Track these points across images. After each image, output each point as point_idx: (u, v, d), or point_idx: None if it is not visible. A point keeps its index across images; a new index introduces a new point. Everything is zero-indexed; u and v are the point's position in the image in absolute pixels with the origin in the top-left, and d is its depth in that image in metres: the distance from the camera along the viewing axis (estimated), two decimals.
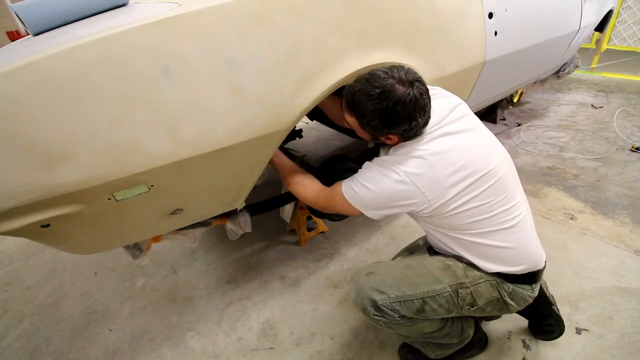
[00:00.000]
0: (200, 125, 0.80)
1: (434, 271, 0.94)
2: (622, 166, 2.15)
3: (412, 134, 0.88)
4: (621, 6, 3.66)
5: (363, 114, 0.85)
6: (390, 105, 0.81)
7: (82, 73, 0.68)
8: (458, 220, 0.89)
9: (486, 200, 0.87)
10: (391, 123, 0.84)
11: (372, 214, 0.94)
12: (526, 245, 0.92)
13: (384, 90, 0.82)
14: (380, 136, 0.90)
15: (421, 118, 0.85)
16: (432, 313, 0.92)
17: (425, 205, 0.87)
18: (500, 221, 0.89)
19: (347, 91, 0.88)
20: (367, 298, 0.92)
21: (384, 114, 0.83)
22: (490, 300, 0.94)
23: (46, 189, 0.71)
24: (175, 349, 1.27)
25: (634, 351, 1.12)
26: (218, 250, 1.73)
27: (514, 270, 0.91)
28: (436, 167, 0.85)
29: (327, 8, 0.95)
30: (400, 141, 0.91)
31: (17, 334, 1.40)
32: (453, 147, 0.87)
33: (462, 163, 0.85)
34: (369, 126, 0.87)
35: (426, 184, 0.85)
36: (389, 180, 0.87)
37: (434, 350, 1.07)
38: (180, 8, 0.78)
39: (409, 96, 0.81)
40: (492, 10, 1.46)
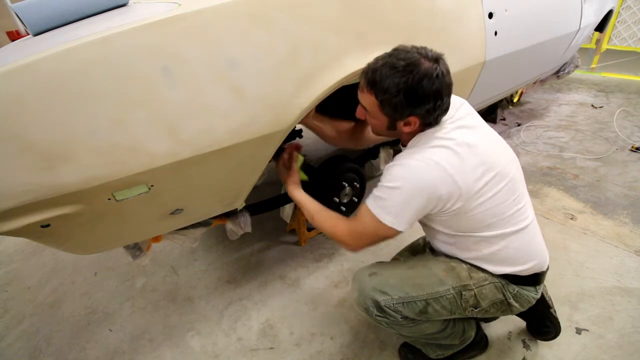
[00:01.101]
0: (200, 125, 0.80)
1: (437, 273, 0.92)
2: (622, 166, 2.15)
3: (433, 118, 0.82)
4: (621, 6, 3.66)
5: (385, 90, 0.78)
6: (417, 79, 0.76)
7: (82, 73, 0.68)
8: (478, 221, 0.85)
9: (502, 199, 0.84)
10: (416, 100, 0.77)
11: (403, 222, 0.84)
12: (534, 245, 0.92)
13: (410, 62, 0.76)
14: (399, 119, 0.83)
15: (446, 98, 0.80)
16: (434, 314, 0.91)
17: (456, 197, 0.80)
18: (514, 221, 0.87)
19: (367, 68, 0.82)
20: (370, 299, 0.91)
21: (410, 89, 0.76)
22: (494, 302, 0.93)
23: (46, 189, 0.71)
24: (175, 349, 1.27)
25: (634, 351, 1.12)
26: (218, 250, 1.73)
27: (521, 270, 0.90)
28: (464, 156, 0.80)
29: (327, 8, 0.95)
30: (418, 129, 0.86)
31: (17, 334, 1.40)
32: (474, 139, 0.83)
33: (483, 157, 0.82)
34: (390, 105, 0.80)
35: (458, 173, 0.79)
36: (419, 172, 0.80)
37: (435, 350, 1.07)
38: (180, 8, 0.78)
39: (435, 71, 0.77)
40: (492, 10, 1.46)
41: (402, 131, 0.87)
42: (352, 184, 1.55)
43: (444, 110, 0.83)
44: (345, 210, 1.59)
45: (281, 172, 1.15)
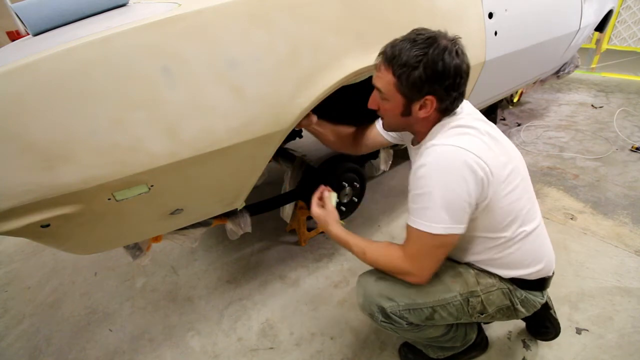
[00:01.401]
0: (200, 125, 0.80)
1: (445, 279, 0.90)
2: (622, 166, 2.15)
3: (450, 101, 0.79)
4: (621, 6, 3.66)
5: (404, 62, 0.75)
6: (437, 52, 0.73)
7: (82, 73, 0.68)
8: (500, 216, 0.82)
9: (520, 194, 0.82)
10: (436, 73, 0.74)
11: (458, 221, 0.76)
12: (544, 247, 0.91)
13: (431, 37, 0.75)
14: (416, 100, 0.79)
15: (465, 77, 0.77)
16: (440, 320, 0.90)
17: (487, 185, 0.76)
18: (528, 220, 0.86)
19: (384, 47, 0.80)
20: (376, 305, 0.89)
21: (430, 61, 0.73)
22: (501, 308, 0.91)
23: (46, 189, 0.71)
24: (175, 349, 1.27)
25: (634, 351, 1.12)
26: (218, 250, 1.73)
27: (530, 273, 0.89)
28: (489, 143, 0.78)
29: (327, 8, 0.95)
30: (434, 117, 0.82)
31: (17, 334, 1.40)
32: (492, 130, 0.81)
33: (503, 148, 0.81)
34: (408, 80, 0.76)
35: (487, 158, 0.75)
36: (450, 163, 0.75)
37: (436, 351, 1.07)
38: (180, 8, 0.78)
39: (455, 46, 0.75)
40: (492, 10, 1.46)
41: (417, 117, 0.82)
42: (352, 184, 1.55)
43: (461, 94, 0.80)
44: (345, 210, 1.59)
45: (317, 215, 0.99)
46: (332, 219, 0.97)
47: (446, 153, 0.76)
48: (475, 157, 0.74)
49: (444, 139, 0.78)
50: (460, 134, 0.78)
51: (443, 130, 0.81)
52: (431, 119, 0.84)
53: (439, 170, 0.75)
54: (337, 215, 0.98)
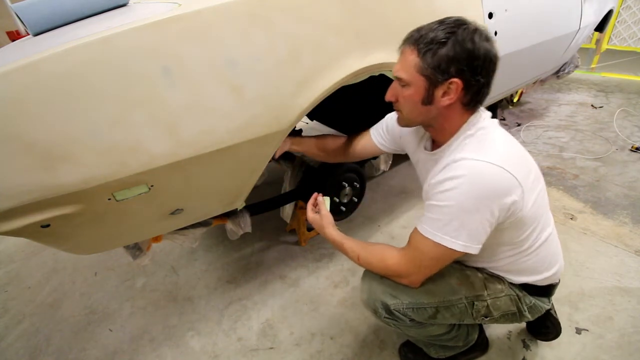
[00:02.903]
0: (200, 125, 0.80)
1: (450, 280, 0.88)
2: (622, 166, 2.15)
3: (477, 89, 0.74)
4: (621, 6, 3.66)
5: (431, 40, 0.70)
6: (467, 32, 0.69)
7: (82, 73, 0.68)
8: (523, 225, 0.79)
9: (541, 201, 0.80)
10: (465, 52, 0.69)
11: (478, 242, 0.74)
12: (558, 250, 0.92)
13: (459, 20, 0.72)
14: (440, 83, 0.72)
15: (494, 64, 0.73)
16: (443, 320, 0.89)
17: (519, 199, 0.72)
18: (545, 226, 0.85)
19: (410, 32, 0.76)
20: (380, 301, 0.88)
21: (460, 39, 0.69)
22: (506, 313, 0.91)
23: (46, 189, 0.71)
24: (175, 349, 1.27)
25: (634, 351, 1.12)
26: (218, 250, 1.73)
27: (541, 279, 0.88)
28: (515, 152, 0.76)
29: (327, 8, 0.95)
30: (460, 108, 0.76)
31: (17, 334, 1.40)
32: (510, 136, 0.78)
33: (525, 155, 0.79)
34: (434, 58, 0.70)
35: (517, 172, 0.71)
36: (482, 180, 0.70)
37: (438, 351, 1.07)
38: (180, 8, 0.78)
39: (484, 32, 0.71)
40: (492, 10, 1.46)
41: (439, 107, 0.76)
42: (352, 184, 1.55)
43: (488, 84, 0.75)
44: (345, 210, 1.59)
45: (313, 220, 1.00)
46: (327, 222, 0.97)
47: (482, 172, 0.70)
48: (511, 177, 0.70)
49: (475, 152, 0.73)
50: (491, 145, 0.74)
51: (470, 137, 0.76)
52: (455, 114, 0.78)
53: (471, 190, 0.70)
54: (331, 219, 0.98)
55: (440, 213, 0.74)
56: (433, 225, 0.75)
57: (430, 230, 0.75)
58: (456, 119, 0.79)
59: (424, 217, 0.78)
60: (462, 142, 0.77)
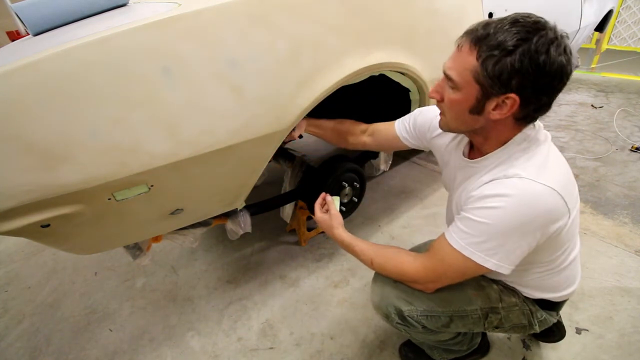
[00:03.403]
0: (200, 125, 0.80)
1: (467, 290, 0.85)
2: (622, 166, 2.15)
3: (536, 107, 0.65)
4: (621, 6, 3.67)
5: (498, 44, 0.60)
6: (543, 42, 0.58)
7: (82, 73, 0.68)
8: (555, 249, 0.76)
9: (576, 223, 0.76)
10: (534, 67, 0.59)
11: (512, 264, 0.70)
12: (579, 269, 0.89)
13: (539, 21, 0.61)
14: (496, 94, 0.63)
15: (566, 81, 0.62)
16: (455, 329, 0.88)
17: (564, 223, 0.68)
18: (575, 245, 0.82)
19: (476, 24, 0.66)
20: (393, 306, 0.85)
21: (533, 49, 0.58)
22: (516, 326, 0.89)
23: (46, 189, 0.71)
24: (175, 348, 1.27)
25: (634, 351, 1.12)
26: (218, 250, 1.73)
27: (562, 295, 0.86)
28: (565, 173, 0.70)
29: (327, 8, 0.95)
30: (511, 121, 0.68)
31: (17, 334, 1.40)
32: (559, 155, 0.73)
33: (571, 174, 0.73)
34: (495, 67, 0.61)
35: (567, 194, 0.66)
36: (531, 203, 0.64)
37: (441, 354, 1.06)
38: (180, 8, 0.78)
39: (564, 42, 0.60)
40: (492, 11, 1.46)
41: (488, 118, 0.68)
42: (352, 184, 1.55)
43: (550, 102, 0.65)
44: (345, 211, 1.59)
45: (321, 220, 0.97)
46: (337, 222, 0.94)
47: (536, 195, 0.64)
48: (563, 203, 0.65)
49: (531, 170, 0.66)
50: (547, 163, 0.67)
51: (523, 151, 0.70)
52: (505, 128, 0.70)
53: (520, 213, 0.65)
54: (341, 220, 0.95)
55: (478, 230, 0.68)
56: (467, 239, 0.70)
57: (462, 244, 0.70)
58: (506, 132, 0.71)
59: (456, 227, 0.72)
60: (514, 155, 0.70)
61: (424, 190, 2.07)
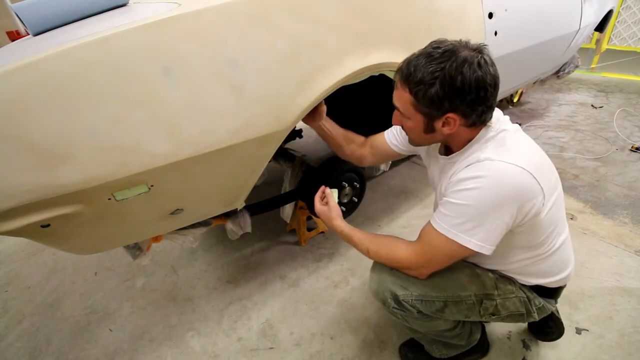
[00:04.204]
0: (200, 125, 0.80)
1: (460, 277, 0.89)
2: (622, 166, 2.15)
3: (477, 116, 0.73)
4: (621, 6, 3.66)
5: (420, 80, 0.70)
6: (455, 66, 0.68)
7: (82, 73, 0.68)
8: (540, 230, 0.79)
9: (558, 205, 0.81)
10: (455, 90, 0.68)
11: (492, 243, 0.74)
12: (571, 253, 0.91)
13: (448, 50, 0.69)
14: (437, 117, 0.74)
15: (491, 90, 0.71)
16: (450, 315, 0.90)
17: (539, 202, 0.73)
18: (561, 229, 0.85)
19: (401, 64, 0.75)
20: (389, 291, 0.89)
21: (447, 76, 0.68)
22: (513, 314, 0.91)
23: (46, 189, 0.71)
24: (175, 349, 1.27)
25: (634, 351, 1.12)
26: (218, 250, 1.73)
27: (556, 280, 0.89)
28: (536, 155, 0.76)
29: (327, 8, 0.95)
30: (465, 133, 0.78)
31: (17, 333, 1.40)
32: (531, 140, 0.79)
33: (545, 158, 0.79)
34: (425, 98, 0.71)
35: (538, 174, 0.71)
36: (503, 180, 0.70)
37: (440, 349, 1.06)
38: (180, 8, 0.78)
39: (477, 58, 0.68)
40: (492, 10, 1.46)
41: (442, 133, 0.78)
42: (352, 184, 1.55)
43: (489, 107, 0.74)
44: (345, 210, 1.59)
45: (321, 212, 1.00)
46: (335, 214, 0.98)
47: (507, 174, 0.71)
48: (535, 181, 0.71)
49: (500, 153, 0.73)
50: (515, 147, 0.74)
51: (491, 139, 0.77)
52: (462, 133, 0.79)
53: (494, 191, 0.71)
54: (339, 211, 0.99)
55: (458, 211, 0.74)
56: (449, 222, 0.75)
57: (445, 227, 0.76)
58: (465, 135, 0.79)
59: (439, 213, 0.78)
60: (484, 144, 0.77)
61: (424, 190, 2.07)
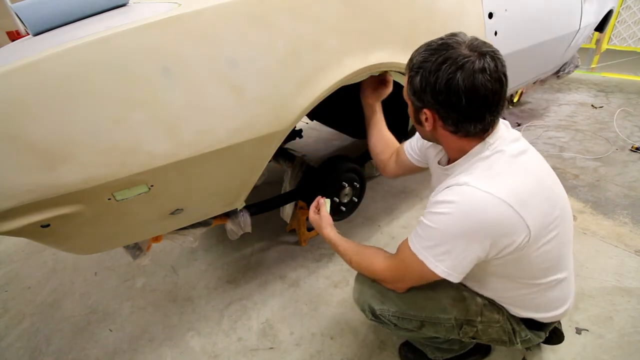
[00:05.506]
0: (200, 125, 0.80)
1: (443, 299, 0.85)
2: (622, 166, 2.15)
3: (459, 122, 0.67)
4: (621, 6, 3.66)
5: (411, 66, 0.69)
6: (438, 62, 0.63)
7: (82, 73, 0.68)
8: (532, 266, 0.74)
9: (558, 243, 0.74)
10: (431, 86, 0.65)
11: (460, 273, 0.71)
12: (572, 291, 0.87)
13: (445, 43, 0.65)
14: (419, 108, 0.72)
15: (480, 102, 0.63)
16: (428, 333, 0.89)
17: (521, 240, 0.67)
18: (563, 266, 0.80)
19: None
20: (367, 303, 0.90)
21: (428, 70, 0.65)
22: (495, 340, 0.88)
23: (46, 189, 0.71)
24: (175, 349, 1.27)
25: (634, 351, 1.12)
26: (218, 250, 1.73)
27: (549, 316, 0.85)
28: (531, 187, 0.68)
29: (326, 8, 0.95)
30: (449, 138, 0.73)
31: (17, 333, 1.40)
32: (536, 167, 0.72)
33: (549, 190, 0.72)
34: (411, 85, 0.70)
35: (526, 209, 0.65)
36: (479, 211, 0.64)
37: (434, 352, 1.06)
38: (180, 8, 0.78)
39: (469, 60, 0.61)
40: (492, 10, 1.46)
41: (426, 129, 0.75)
42: (352, 184, 1.55)
43: (475, 118, 0.66)
44: (345, 210, 1.59)
45: (313, 220, 1.05)
46: (325, 222, 1.02)
47: (477, 205, 0.65)
48: (517, 216, 0.64)
49: (482, 179, 0.67)
50: (505, 173, 0.67)
51: (484, 159, 0.70)
52: (450, 140, 0.74)
53: (462, 221, 0.66)
54: (330, 220, 1.03)
55: (429, 234, 0.71)
56: (421, 243, 0.73)
57: (417, 247, 0.73)
58: (454, 143, 0.74)
59: (415, 231, 0.75)
60: (475, 163, 0.71)
61: (424, 190, 2.07)
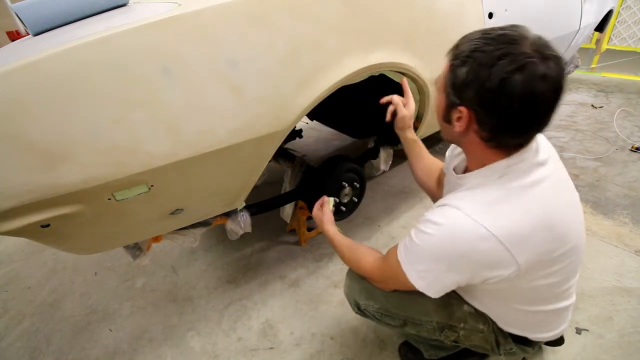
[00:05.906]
0: (200, 125, 0.80)
1: (427, 303, 0.83)
2: (622, 166, 2.14)
3: (498, 131, 0.60)
4: (621, 6, 3.66)
5: (459, 53, 0.59)
6: (498, 55, 0.54)
7: (82, 73, 0.68)
8: (527, 294, 0.72)
9: (563, 276, 0.71)
10: (477, 80, 0.56)
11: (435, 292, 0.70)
12: (569, 316, 0.85)
13: (507, 35, 0.55)
14: (455, 105, 0.62)
15: (529, 114, 0.56)
16: (410, 332, 0.90)
17: (509, 274, 0.63)
18: (565, 296, 0.78)
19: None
20: (353, 298, 0.94)
21: (481, 63, 0.55)
22: (477, 346, 0.88)
23: (46, 189, 0.71)
24: (175, 349, 1.27)
25: (634, 351, 1.12)
26: (218, 250, 1.73)
27: (540, 337, 0.84)
28: (535, 224, 0.62)
29: (326, 8, 0.95)
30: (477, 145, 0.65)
31: (17, 333, 1.40)
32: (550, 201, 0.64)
33: (560, 228, 0.65)
34: (452, 76, 0.60)
35: (519, 247, 0.61)
36: (466, 241, 0.61)
37: (427, 350, 1.06)
38: (180, 8, 0.78)
39: (531, 61, 0.53)
40: (492, 10, 1.46)
41: (455, 130, 0.65)
42: (352, 184, 1.55)
43: (520, 133, 0.60)
44: (345, 210, 1.59)
45: (316, 215, 1.06)
46: (327, 219, 1.04)
47: (459, 234, 0.62)
48: (504, 251, 0.60)
49: (478, 204, 0.62)
50: (509, 200, 0.62)
51: (496, 179, 0.64)
52: (477, 148, 0.65)
53: (442, 246, 0.64)
54: (331, 217, 1.05)
55: (414, 249, 0.71)
56: (408, 255, 0.72)
57: (403, 258, 0.73)
58: (480, 152, 0.66)
59: (404, 240, 0.74)
60: (486, 182, 0.66)
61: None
